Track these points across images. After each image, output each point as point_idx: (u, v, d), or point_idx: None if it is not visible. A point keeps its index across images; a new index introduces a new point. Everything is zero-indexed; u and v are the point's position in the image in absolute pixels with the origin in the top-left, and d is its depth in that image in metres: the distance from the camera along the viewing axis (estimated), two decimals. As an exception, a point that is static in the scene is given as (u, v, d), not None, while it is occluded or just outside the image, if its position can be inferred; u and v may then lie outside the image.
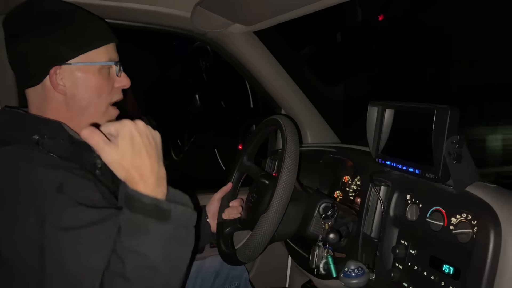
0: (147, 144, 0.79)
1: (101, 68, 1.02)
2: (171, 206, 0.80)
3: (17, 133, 0.95)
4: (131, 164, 0.77)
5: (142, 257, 0.77)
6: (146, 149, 0.79)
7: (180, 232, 0.81)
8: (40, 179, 0.83)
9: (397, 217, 1.09)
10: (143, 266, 0.77)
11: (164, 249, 0.79)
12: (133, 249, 0.77)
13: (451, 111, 0.93)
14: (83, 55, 1.00)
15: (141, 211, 0.77)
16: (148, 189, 0.78)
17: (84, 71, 1.00)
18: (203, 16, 1.39)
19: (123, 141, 0.76)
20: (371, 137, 1.17)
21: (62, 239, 0.78)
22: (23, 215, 0.80)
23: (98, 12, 1.10)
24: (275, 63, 1.67)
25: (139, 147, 0.78)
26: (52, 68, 0.97)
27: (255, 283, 1.69)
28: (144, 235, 0.77)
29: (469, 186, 0.96)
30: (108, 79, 1.05)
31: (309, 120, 1.77)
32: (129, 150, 0.77)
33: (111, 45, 1.06)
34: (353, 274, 1.07)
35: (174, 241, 0.80)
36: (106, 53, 1.04)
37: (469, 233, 0.89)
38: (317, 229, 1.22)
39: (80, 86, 1.00)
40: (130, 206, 0.77)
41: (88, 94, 1.02)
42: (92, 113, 1.03)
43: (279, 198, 1.06)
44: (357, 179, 1.45)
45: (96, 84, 1.02)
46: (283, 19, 1.38)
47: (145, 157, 0.78)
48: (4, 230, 0.81)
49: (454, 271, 0.90)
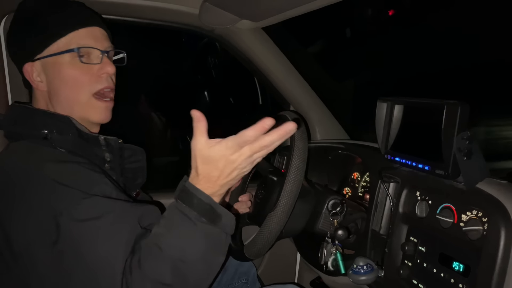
0: (240, 166, 0.80)
1: (71, 58, 0.98)
2: (223, 212, 0.82)
3: (27, 129, 0.97)
4: (209, 163, 0.79)
5: (180, 251, 0.78)
6: (235, 167, 0.80)
7: (222, 238, 0.83)
8: (51, 174, 0.84)
9: (407, 214, 1.08)
10: (179, 260, 0.78)
11: (204, 249, 0.81)
12: (173, 243, 0.78)
13: (461, 107, 0.92)
14: (51, 47, 0.98)
15: (197, 208, 0.79)
16: (208, 190, 0.81)
17: (54, 63, 0.99)
18: (211, 12, 1.39)
19: (223, 147, 0.78)
20: (380, 133, 1.16)
21: (77, 231, 0.79)
22: (35, 209, 0.81)
23: (106, 10, 1.11)
24: (284, 59, 1.67)
25: (232, 161, 0.79)
26: (24, 66, 0.99)
27: (263, 279, 1.69)
28: (191, 231, 0.79)
29: (479, 183, 0.95)
30: (84, 68, 1.00)
31: (318, 116, 1.77)
32: (220, 158, 0.78)
33: (85, 30, 1.01)
34: (362, 271, 1.07)
35: (214, 245, 0.82)
36: (76, 41, 0.99)
37: (480, 230, 0.88)
38: (326, 225, 1.21)
39: (55, 79, 0.99)
40: (187, 200, 0.80)
41: (64, 87, 0.99)
42: (77, 107, 1.01)
43: (286, 196, 1.06)
44: (366, 175, 1.44)
45: (69, 74, 0.99)
46: (291, 15, 1.37)
47: (227, 168, 0.80)
48: (16, 225, 0.82)
49: (464, 268, 0.90)
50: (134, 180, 1.14)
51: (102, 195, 0.85)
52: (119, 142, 1.08)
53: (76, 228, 0.80)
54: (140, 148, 1.15)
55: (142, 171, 1.15)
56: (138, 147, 1.14)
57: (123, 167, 1.09)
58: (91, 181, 0.87)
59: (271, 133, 0.76)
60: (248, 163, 0.81)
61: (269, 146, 0.78)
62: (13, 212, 0.83)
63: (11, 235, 0.82)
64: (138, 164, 1.14)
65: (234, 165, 0.79)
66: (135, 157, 1.13)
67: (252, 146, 0.77)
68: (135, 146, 1.13)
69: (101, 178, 0.90)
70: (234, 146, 0.77)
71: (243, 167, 0.81)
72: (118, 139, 1.07)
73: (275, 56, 1.65)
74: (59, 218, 0.79)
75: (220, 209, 0.82)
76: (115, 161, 1.05)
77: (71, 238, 0.79)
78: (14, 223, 0.82)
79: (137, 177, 1.15)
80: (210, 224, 0.80)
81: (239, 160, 0.78)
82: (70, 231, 0.79)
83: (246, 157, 0.78)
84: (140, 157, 1.14)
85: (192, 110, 0.78)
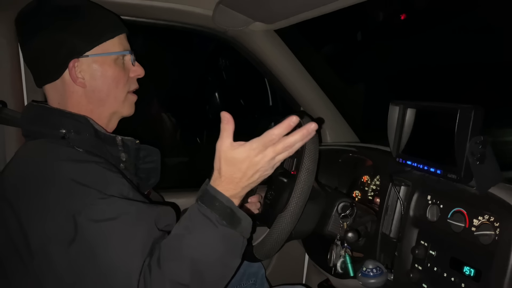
0: (262, 168, 0.81)
1: (116, 59, 1.04)
2: (243, 216, 0.83)
3: (44, 128, 0.98)
4: (233, 164, 0.80)
5: (199, 253, 0.79)
6: (257, 169, 0.81)
7: (239, 241, 0.85)
8: (68, 173, 0.85)
9: (417, 218, 1.07)
10: (198, 261, 0.79)
11: (222, 251, 0.82)
12: (194, 244, 0.79)
13: (475, 111, 0.91)
14: (98, 46, 1.01)
15: (218, 211, 0.81)
16: (229, 192, 0.82)
17: (101, 63, 1.02)
18: (224, 14, 1.40)
19: (247, 148, 0.79)
20: (392, 136, 1.16)
21: (94, 231, 0.80)
22: (52, 208, 0.82)
23: (120, 11, 1.13)
24: (296, 62, 1.67)
25: (255, 163, 0.80)
26: (70, 62, 0.99)
27: (271, 280, 1.69)
28: (211, 233, 0.80)
29: (492, 188, 0.94)
30: (123, 69, 1.06)
31: (328, 119, 1.77)
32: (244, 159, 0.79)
33: (123, 35, 1.08)
34: (371, 274, 1.06)
35: (232, 247, 0.83)
36: (119, 43, 1.05)
37: (491, 235, 0.87)
38: (335, 228, 1.21)
39: (98, 78, 1.02)
40: (209, 203, 0.81)
41: (107, 85, 1.03)
42: (112, 103, 1.05)
43: (296, 198, 1.06)
44: (376, 178, 1.44)
45: (113, 74, 1.03)
46: (304, 18, 1.38)
47: (250, 170, 0.81)
48: (33, 223, 0.83)
49: (475, 273, 0.89)
50: (148, 180, 1.16)
51: (119, 195, 0.86)
52: (136, 143, 1.09)
53: (93, 228, 0.80)
54: (156, 149, 1.16)
55: (156, 172, 1.17)
56: (154, 148, 1.16)
57: (138, 167, 1.11)
58: (109, 181, 0.88)
59: (293, 134, 0.77)
60: (270, 166, 0.82)
61: (291, 146, 0.79)
62: (31, 210, 0.84)
63: (28, 232, 0.83)
64: (152, 165, 1.15)
65: (257, 167, 0.80)
66: (150, 157, 1.14)
67: (275, 147, 0.78)
68: (151, 147, 1.15)
69: (118, 178, 0.91)
70: (259, 147, 0.78)
71: (265, 169, 0.82)
72: (135, 140, 1.09)
73: (287, 59, 1.65)
74: (77, 218, 0.80)
75: (240, 213, 0.83)
76: (130, 161, 1.06)
77: (87, 237, 0.80)
78: (32, 221, 0.83)
79: (150, 177, 1.16)
80: (230, 227, 0.81)
81: (262, 162, 0.80)
82: (87, 230, 0.80)
83: (269, 159, 0.79)
84: (155, 157, 1.16)
85: (222, 111, 0.79)
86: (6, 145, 1.29)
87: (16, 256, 0.85)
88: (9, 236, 0.85)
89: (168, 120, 3.30)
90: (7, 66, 1.28)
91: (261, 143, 0.78)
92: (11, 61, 1.29)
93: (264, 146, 0.78)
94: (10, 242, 0.85)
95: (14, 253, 0.85)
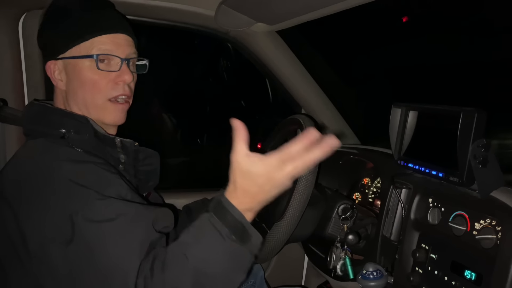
0: (281, 183, 0.76)
1: (91, 62, 0.99)
2: (253, 233, 0.80)
3: (45, 127, 0.98)
4: (249, 178, 0.76)
5: (205, 264, 0.77)
6: (276, 184, 0.76)
7: (247, 258, 0.81)
8: (67, 173, 0.85)
9: (418, 221, 1.07)
10: (201, 272, 0.77)
11: (228, 266, 0.79)
12: (200, 255, 0.77)
13: (477, 114, 0.91)
14: (75, 48, 0.99)
15: (229, 225, 0.78)
16: (243, 206, 0.78)
17: (75, 65, 0.99)
18: (227, 14, 1.40)
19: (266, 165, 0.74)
20: (393, 139, 1.16)
21: (92, 232, 0.80)
22: (51, 208, 0.82)
23: (122, 10, 1.11)
24: (297, 63, 1.67)
25: (273, 179, 0.75)
26: (47, 63, 1.01)
27: (270, 282, 1.68)
28: (219, 247, 0.77)
29: (493, 191, 0.94)
30: (102, 74, 1.00)
31: (330, 120, 1.76)
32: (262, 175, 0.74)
33: (109, 38, 1.00)
34: (371, 277, 1.06)
35: (238, 263, 0.81)
36: (98, 45, 0.99)
37: (493, 238, 0.87)
38: (336, 230, 1.21)
39: (74, 80, 1.00)
40: (221, 215, 0.78)
41: (82, 89, 1.00)
42: (90, 108, 1.01)
43: (294, 207, 1.05)
44: (377, 181, 1.43)
45: (87, 78, 0.99)
46: (306, 19, 1.38)
47: (267, 185, 0.76)
48: (31, 223, 0.83)
49: (476, 276, 0.89)
50: (147, 182, 1.15)
51: (117, 196, 0.85)
52: (135, 145, 1.09)
53: (90, 229, 0.80)
54: (155, 151, 1.16)
55: (155, 174, 1.16)
56: (153, 151, 1.15)
57: (137, 169, 1.10)
58: (107, 182, 0.87)
59: (314, 150, 0.73)
60: (288, 180, 0.76)
61: (312, 162, 0.74)
62: (29, 210, 0.83)
63: (26, 232, 0.82)
64: (151, 167, 1.15)
65: (276, 183, 0.75)
66: (149, 160, 1.14)
67: (295, 163, 0.73)
68: (150, 149, 1.14)
69: (117, 180, 0.90)
70: (278, 163, 0.73)
71: (284, 183, 0.76)
72: (133, 142, 1.08)
73: (289, 60, 1.65)
74: (74, 218, 0.79)
75: (251, 230, 0.80)
76: (129, 163, 1.06)
77: (85, 238, 0.79)
78: (30, 221, 0.83)
79: (149, 180, 1.16)
80: (239, 243, 0.79)
81: (281, 178, 0.75)
82: (84, 231, 0.79)
83: (288, 174, 0.74)
84: (154, 160, 1.15)
85: (231, 118, 0.74)
86: (7, 144, 1.29)
87: (14, 256, 0.84)
88: (8, 235, 0.85)
89: (169, 120, 3.30)
90: (8, 64, 1.28)
91: (280, 159, 0.73)
92: (12, 59, 1.29)
93: (283, 162, 0.73)
94: (9, 242, 0.84)
95: (12, 253, 0.84)
